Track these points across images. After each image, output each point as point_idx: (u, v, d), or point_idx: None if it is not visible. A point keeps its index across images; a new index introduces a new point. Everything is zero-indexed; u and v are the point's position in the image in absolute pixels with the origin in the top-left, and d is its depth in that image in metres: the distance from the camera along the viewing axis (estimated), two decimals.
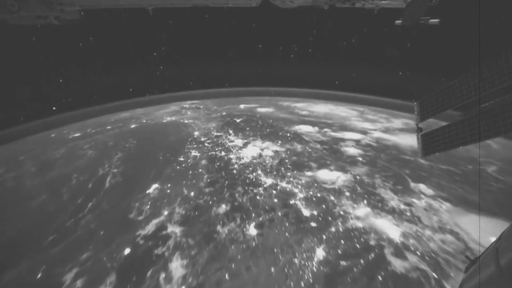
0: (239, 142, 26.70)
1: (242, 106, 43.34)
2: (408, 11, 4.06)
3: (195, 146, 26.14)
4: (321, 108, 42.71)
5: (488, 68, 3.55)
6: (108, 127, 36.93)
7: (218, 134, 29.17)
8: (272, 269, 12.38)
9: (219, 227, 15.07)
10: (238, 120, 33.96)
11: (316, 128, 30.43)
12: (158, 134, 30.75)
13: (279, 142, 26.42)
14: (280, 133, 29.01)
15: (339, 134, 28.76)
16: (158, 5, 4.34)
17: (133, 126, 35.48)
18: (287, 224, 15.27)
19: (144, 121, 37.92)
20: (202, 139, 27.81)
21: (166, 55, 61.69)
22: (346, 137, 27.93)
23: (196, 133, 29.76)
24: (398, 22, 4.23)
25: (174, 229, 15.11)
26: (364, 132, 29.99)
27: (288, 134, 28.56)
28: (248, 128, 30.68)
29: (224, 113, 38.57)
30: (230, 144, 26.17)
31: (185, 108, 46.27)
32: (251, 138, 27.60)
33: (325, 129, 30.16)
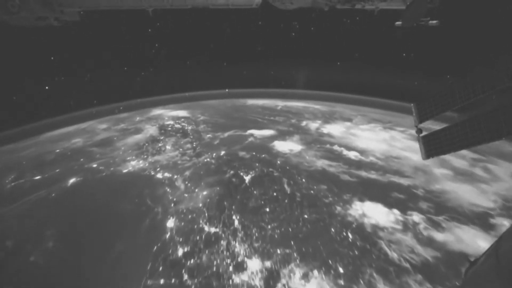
0: (255, 268, 12.71)
1: (250, 134, 28.66)
2: (408, 13, 4.05)
3: None
4: (368, 138, 28.23)
5: (488, 70, 3.50)
6: (36, 178, 22.65)
7: (213, 230, 15.02)
8: None
9: None
10: (247, 179, 19.65)
11: (405, 220, 16.21)
12: (100, 222, 16.50)
13: None
14: (338, 239, 14.86)
15: (462, 246, 14.68)
16: (158, 6, 4.21)
17: (70, 182, 21.18)
18: None
19: (94, 166, 23.59)
20: (179, 255, 13.71)
21: (160, 56, 52.55)
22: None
23: (171, 225, 15.57)
24: (398, 23, 4.22)
25: None
26: (491, 228, 15.95)
27: (356, 240, 14.44)
28: (268, 209, 16.48)
29: (222, 153, 24.18)
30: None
31: (165, 131, 31.52)
32: (278, 255, 13.53)
33: (421, 223, 15.96)
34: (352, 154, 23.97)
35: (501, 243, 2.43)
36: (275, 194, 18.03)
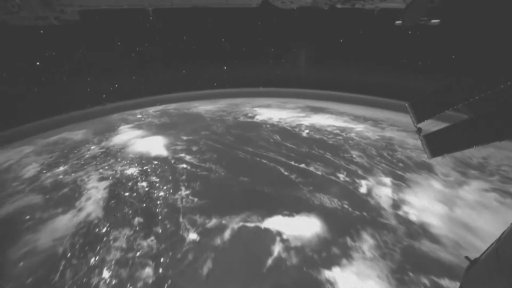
0: None
1: (275, 234, 14.51)
2: (408, 12, 3.99)
3: None
4: None
5: (487, 69, 3.39)
6: None
7: None
8: None
9: None
10: None
11: None
12: None
13: None
14: None
15: None
16: (158, 5, 4.17)
17: None
18: None
19: None
20: None
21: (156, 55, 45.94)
22: None
23: None
24: (398, 22, 4.17)
25: None
26: None
27: None
28: None
29: None
30: None
31: (118, 198, 17.43)
32: None
33: None
34: None
35: (501, 243, 2.39)
36: None
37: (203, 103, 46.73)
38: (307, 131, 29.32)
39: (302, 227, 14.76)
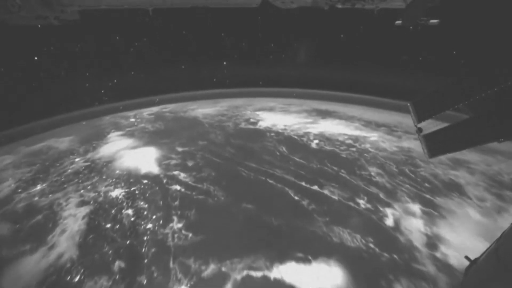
0: None
1: None
2: (408, 12, 3.90)
3: None
4: None
5: (488, 68, 3.30)
6: None
7: None
8: None
9: None
10: None
11: None
12: None
13: None
14: None
15: None
16: (158, 5, 4.09)
17: None
18: None
19: None
20: None
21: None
22: None
23: None
24: (398, 22, 4.08)
25: None
26: None
27: None
28: None
29: None
30: None
31: (97, 233, 14.52)
32: None
33: None
34: None
35: (502, 243, 2.31)
36: None
37: (201, 105, 43.61)
38: (316, 141, 26.35)
39: (321, 278, 11.92)
